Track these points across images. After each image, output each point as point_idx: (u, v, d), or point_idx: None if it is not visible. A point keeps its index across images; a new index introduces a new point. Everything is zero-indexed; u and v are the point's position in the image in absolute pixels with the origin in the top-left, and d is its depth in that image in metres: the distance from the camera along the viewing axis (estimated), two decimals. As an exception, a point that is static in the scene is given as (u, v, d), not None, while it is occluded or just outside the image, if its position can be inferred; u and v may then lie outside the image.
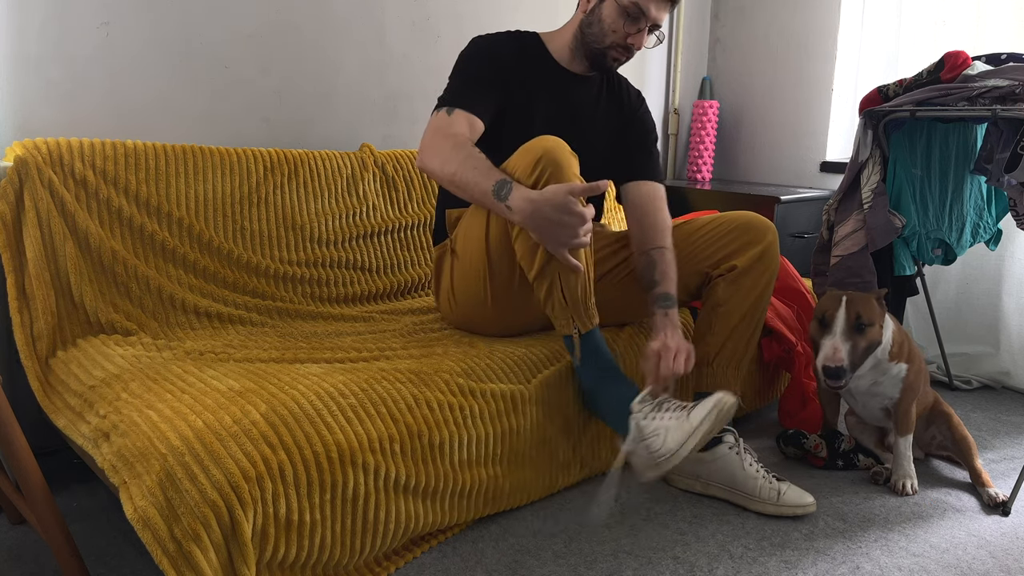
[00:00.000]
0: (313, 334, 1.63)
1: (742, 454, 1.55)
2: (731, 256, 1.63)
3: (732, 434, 1.58)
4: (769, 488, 1.52)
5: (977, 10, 2.42)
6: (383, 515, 1.27)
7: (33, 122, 1.67)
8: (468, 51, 1.64)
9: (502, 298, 1.56)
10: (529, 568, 1.34)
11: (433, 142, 1.49)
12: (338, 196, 1.96)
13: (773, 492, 1.52)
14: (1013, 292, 2.33)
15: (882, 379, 1.63)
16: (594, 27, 1.60)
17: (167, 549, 1.02)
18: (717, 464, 1.56)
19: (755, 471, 1.54)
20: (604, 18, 1.58)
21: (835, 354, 1.52)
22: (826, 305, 1.59)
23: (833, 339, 1.54)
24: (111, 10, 1.73)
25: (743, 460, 1.55)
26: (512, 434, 1.45)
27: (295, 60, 2.03)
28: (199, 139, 1.91)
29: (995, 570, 1.37)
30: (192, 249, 1.69)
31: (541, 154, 1.39)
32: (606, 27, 1.59)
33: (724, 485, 1.56)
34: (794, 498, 1.51)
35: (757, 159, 3.08)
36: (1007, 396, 2.32)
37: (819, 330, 1.59)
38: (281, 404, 1.19)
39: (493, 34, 1.67)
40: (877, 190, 1.91)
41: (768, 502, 1.52)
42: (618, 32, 1.58)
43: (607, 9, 1.58)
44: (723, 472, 1.55)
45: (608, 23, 1.58)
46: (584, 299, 1.44)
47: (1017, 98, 1.68)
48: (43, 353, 1.46)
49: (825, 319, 1.58)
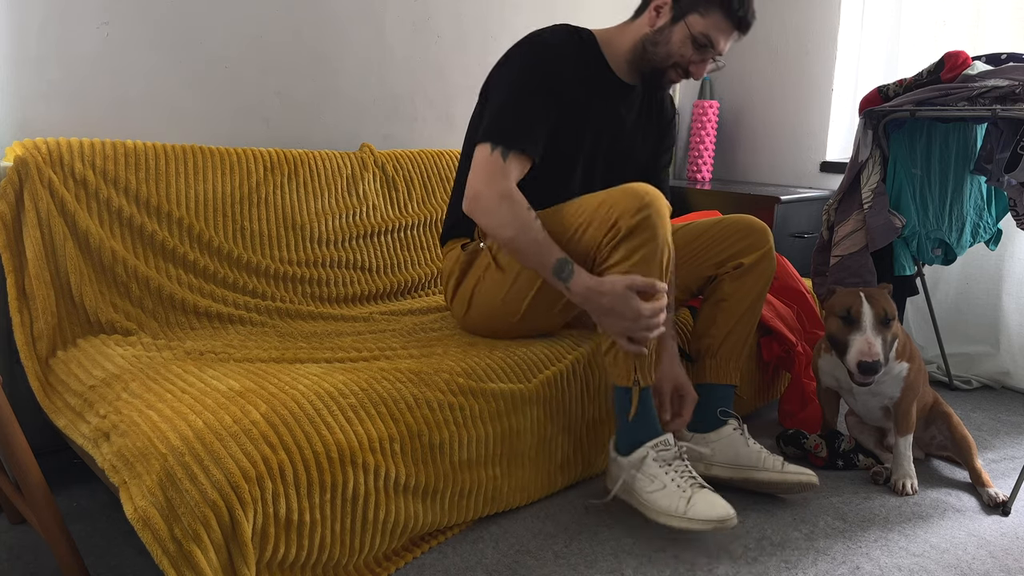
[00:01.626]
0: (313, 334, 1.63)
1: (745, 435, 1.61)
2: (737, 255, 1.66)
3: (736, 419, 1.63)
4: (773, 459, 1.57)
5: (977, 10, 2.42)
6: (383, 515, 1.27)
7: (33, 122, 1.67)
8: (525, 61, 1.53)
9: (535, 317, 1.57)
10: (529, 568, 1.34)
11: (489, 200, 1.44)
12: (338, 196, 1.96)
13: (777, 462, 1.56)
14: (1013, 292, 2.33)
15: (884, 378, 1.63)
16: (660, 48, 1.54)
17: (167, 549, 1.02)
18: (722, 443, 1.60)
19: (758, 447, 1.59)
20: (672, 41, 1.52)
21: (871, 349, 1.53)
22: (848, 301, 1.58)
23: (865, 334, 1.54)
24: (111, 10, 1.73)
25: (746, 439, 1.60)
26: (512, 434, 1.45)
27: (295, 60, 2.03)
28: (199, 139, 1.91)
29: (995, 570, 1.37)
30: (192, 249, 1.69)
31: (648, 201, 1.38)
32: (672, 50, 1.53)
33: (727, 463, 1.59)
34: (797, 467, 1.56)
35: (757, 159, 3.08)
36: (1007, 396, 2.32)
37: (844, 327, 1.59)
38: (281, 404, 1.19)
39: (551, 37, 1.56)
40: (877, 190, 1.91)
41: (772, 470, 1.55)
42: (684, 58, 1.53)
43: (677, 34, 1.52)
44: (727, 450, 1.59)
45: (675, 47, 1.53)
46: (651, 352, 1.44)
47: (1017, 98, 1.68)
48: (43, 353, 1.46)
49: (851, 315, 1.57)
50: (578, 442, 1.60)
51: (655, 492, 1.39)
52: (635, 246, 1.38)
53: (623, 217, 1.39)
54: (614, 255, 1.40)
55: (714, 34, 1.51)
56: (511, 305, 1.56)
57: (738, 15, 1.51)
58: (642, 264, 1.38)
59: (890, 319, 1.57)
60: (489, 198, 1.44)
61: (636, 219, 1.37)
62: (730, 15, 1.50)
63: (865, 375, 1.54)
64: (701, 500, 1.36)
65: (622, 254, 1.39)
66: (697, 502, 1.35)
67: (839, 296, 1.62)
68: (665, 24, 1.53)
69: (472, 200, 1.46)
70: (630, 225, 1.37)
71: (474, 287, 1.61)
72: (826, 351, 1.72)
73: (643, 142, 1.71)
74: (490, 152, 1.46)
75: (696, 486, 1.38)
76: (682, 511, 1.36)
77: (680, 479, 1.39)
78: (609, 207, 1.41)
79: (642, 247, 1.38)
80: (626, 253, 1.38)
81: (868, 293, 1.58)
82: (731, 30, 1.52)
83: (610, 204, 1.41)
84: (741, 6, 1.50)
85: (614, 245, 1.40)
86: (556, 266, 1.41)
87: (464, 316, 1.65)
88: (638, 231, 1.38)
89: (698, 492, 1.37)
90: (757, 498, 1.61)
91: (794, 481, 1.54)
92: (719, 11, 1.50)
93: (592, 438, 1.63)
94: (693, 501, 1.36)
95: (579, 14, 2.63)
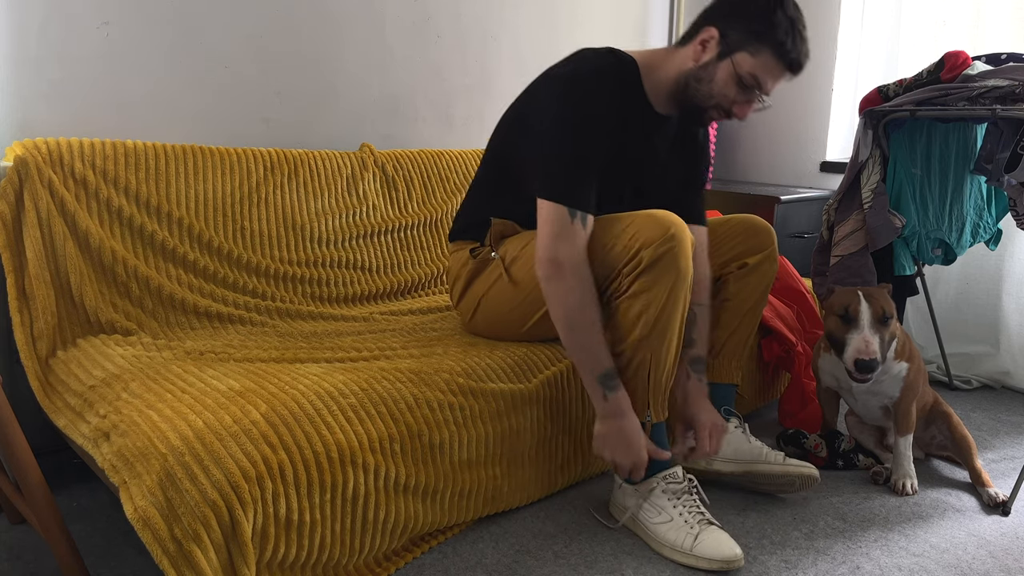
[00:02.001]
0: (313, 334, 1.63)
1: (747, 433, 1.62)
2: (741, 255, 1.66)
3: (738, 418, 1.64)
4: (775, 454, 1.58)
5: (977, 10, 2.42)
6: (383, 515, 1.27)
7: (33, 122, 1.67)
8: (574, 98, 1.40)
9: (542, 328, 1.55)
10: (529, 568, 1.34)
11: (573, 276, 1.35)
12: (338, 196, 1.96)
13: (779, 456, 1.57)
14: (1013, 292, 2.33)
15: (883, 378, 1.63)
16: (703, 85, 1.43)
17: (167, 549, 1.02)
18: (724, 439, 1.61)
19: (759, 444, 1.60)
20: (716, 80, 1.41)
21: (868, 347, 1.53)
22: (846, 300, 1.59)
23: (862, 332, 1.54)
24: (111, 10, 1.73)
25: (748, 437, 1.61)
26: (512, 434, 1.45)
27: (295, 60, 2.03)
28: (199, 139, 1.91)
29: (995, 570, 1.37)
30: (192, 249, 1.69)
31: (673, 232, 1.34)
32: (715, 90, 1.42)
33: (729, 458, 1.60)
34: (799, 461, 1.57)
35: (757, 159, 3.08)
36: (1007, 396, 2.32)
37: (842, 326, 1.59)
38: (281, 404, 1.19)
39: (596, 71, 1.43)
40: (877, 190, 1.91)
41: (775, 463, 1.56)
42: (727, 99, 1.43)
43: (722, 72, 1.41)
44: (729, 445, 1.61)
45: (719, 87, 1.42)
46: (667, 387, 1.43)
47: (1017, 98, 1.68)
48: (43, 353, 1.46)
49: (849, 314, 1.57)
50: (578, 442, 1.60)
51: (662, 524, 1.39)
52: (655, 278, 1.34)
53: (646, 247, 1.34)
54: (634, 285, 1.36)
55: (763, 75, 1.40)
56: (520, 317, 1.54)
57: (790, 56, 1.39)
58: (660, 297, 1.35)
59: (888, 318, 1.57)
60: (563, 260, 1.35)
61: (660, 251, 1.33)
62: (782, 56, 1.39)
63: (862, 373, 1.54)
64: (709, 538, 1.35)
65: (642, 285, 1.35)
66: (704, 539, 1.35)
67: (838, 295, 1.62)
68: (710, 60, 1.42)
69: (545, 264, 1.36)
70: (652, 257, 1.33)
71: (482, 295, 1.59)
72: (826, 350, 1.72)
73: (674, 171, 1.63)
74: (559, 211, 1.36)
75: (704, 522, 1.38)
76: (688, 547, 1.35)
77: (688, 514, 1.39)
78: (632, 235, 1.36)
79: (662, 279, 1.34)
80: (646, 284, 1.35)
81: (867, 292, 1.58)
82: (782, 72, 1.41)
83: (634, 231, 1.36)
84: (795, 46, 1.39)
85: (635, 275, 1.35)
86: (603, 376, 1.37)
87: (470, 321, 1.64)
88: (660, 264, 1.33)
89: (706, 529, 1.37)
90: (757, 498, 1.61)
91: (796, 474, 1.54)
92: (770, 51, 1.38)
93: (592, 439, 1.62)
94: (700, 538, 1.35)
95: (579, 14, 2.63)
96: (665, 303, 1.35)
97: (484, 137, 2.48)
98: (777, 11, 1.37)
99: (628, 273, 1.37)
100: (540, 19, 2.54)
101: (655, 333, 1.36)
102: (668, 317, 1.36)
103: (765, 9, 1.38)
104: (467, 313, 1.64)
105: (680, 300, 1.37)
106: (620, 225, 1.39)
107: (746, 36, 1.39)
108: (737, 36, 1.39)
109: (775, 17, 1.37)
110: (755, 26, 1.38)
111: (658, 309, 1.35)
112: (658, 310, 1.35)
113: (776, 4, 1.38)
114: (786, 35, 1.38)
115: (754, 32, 1.38)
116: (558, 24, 2.58)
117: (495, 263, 1.56)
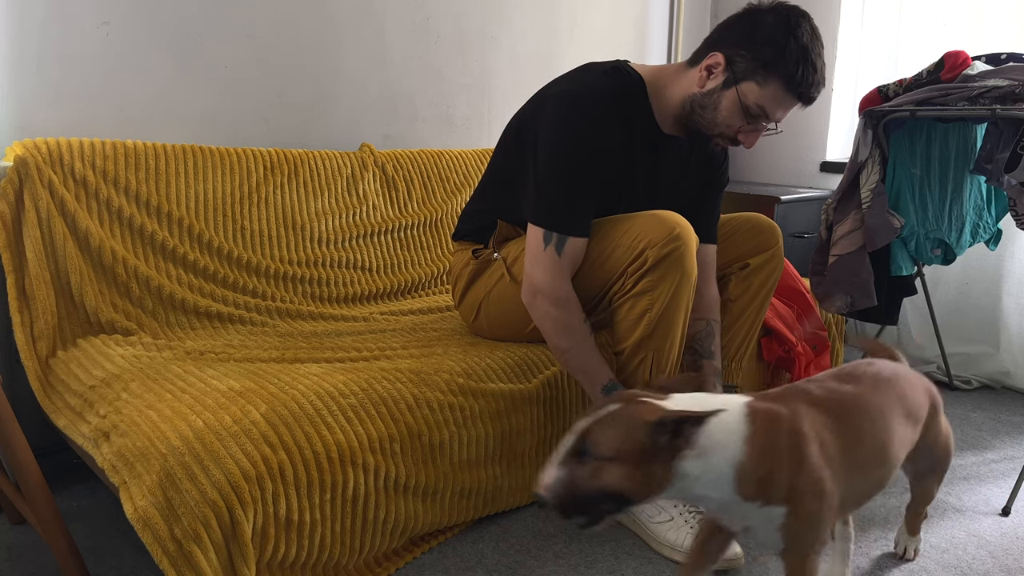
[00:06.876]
0: (313, 334, 1.63)
1: None
2: (744, 256, 1.65)
3: None
4: None
5: (977, 10, 2.42)
6: (383, 515, 1.27)
7: (33, 122, 1.67)
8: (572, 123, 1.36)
9: None
10: (529, 568, 1.34)
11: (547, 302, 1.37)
12: (338, 196, 1.96)
13: None
14: (1013, 292, 2.33)
15: (750, 517, 1.00)
16: (708, 112, 1.37)
17: (167, 549, 1.03)
18: None
19: None
20: (721, 109, 1.36)
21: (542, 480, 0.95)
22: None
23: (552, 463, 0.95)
24: (111, 10, 1.73)
25: None
26: (512, 434, 1.45)
27: (295, 60, 2.03)
28: (199, 139, 1.91)
29: (995, 570, 1.37)
30: (192, 249, 1.69)
31: (678, 233, 1.33)
32: (720, 119, 1.37)
33: None
34: None
35: (757, 159, 3.08)
36: (1007, 396, 2.32)
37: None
38: (281, 404, 1.19)
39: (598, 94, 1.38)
40: (876, 190, 1.91)
41: None
42: (731, 128, 1.38)
43: (727, 100, 1.35)
44: None
45: (724, 115, 1.36)
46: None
47: (1017, 98, 1.68)
48: (43, 353, 1.47)
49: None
50: (578, 442, 1.60)
51: (662, 523, 1.39)
52: (659, 278, 1.34)
53: (651, 247, 1.32)
54: (638, 284, 1.36)
55: (770, 106, 1.33)
56: (523, 317, 1.52)
57: (800, 89, 1.31)
58: (664, 297, 1.34)
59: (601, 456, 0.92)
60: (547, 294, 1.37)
61: (664, 251, 1.32)
62: (791, 87, 1.31)
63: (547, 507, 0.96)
64: None
65: (646, 284, 1.35)
66: None
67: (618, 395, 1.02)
68: (715, 88, 1.35)
69: (531, 296, 1.39)
70: (657, 256, 1.32)
71: (485, 296, 1.58)
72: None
73: (685, 191, 1.58)
74: (544, 240, 1.36)
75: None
76: (688, 547, 1.33)
77: (688, 513, 1.39)
78: (637, 235, 1.35)
79: (667, 279, 1.34)
80: (651, 284, 1.34)
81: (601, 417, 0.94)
82: (792, 103, 1.34)
83: (638, 231, 1.35)
84: (806, 78, 1.30)
85: (640, 274, 1.35)
86: (607, 386, 1.38)
87: (472, 322, 1.64)
88: (665, 263, 1.33)
89: None
90: (757, 498, 1.61)
91: None
92: (780, 83, 1.31)
93: (592, 438, 1.63)
94: None
95: (579, 14, 2.63)
96: (669, 302, 1.35)
97: (484, 137, 2.48)
98: (789, 40, 1.29)
99: (633, 272, 1.37)
100: (540, 19, 2.54)
101: (658, 332, 1.37)
102: (672, 317, 1.36)
103: (776, 37, 1.30)
104: (470, 314, 1.63)
105: (684, 300, 1.37)
106: (625, 225, 1.39)
107: (754, 65, 1.31)
108: (744, 65, 1.32)
109: (787, 46, 1.29)
110: (764, 55, 1.30)
111: (662, 308, 1.35)
112: (662, 309, 1.35)
113: (788, 33, 1.29)
114: (797, 66, 1.29)
115: (763, 61, 1.30)
116: (558, 24, 2.59)
117: (497, 264, 1.56)
